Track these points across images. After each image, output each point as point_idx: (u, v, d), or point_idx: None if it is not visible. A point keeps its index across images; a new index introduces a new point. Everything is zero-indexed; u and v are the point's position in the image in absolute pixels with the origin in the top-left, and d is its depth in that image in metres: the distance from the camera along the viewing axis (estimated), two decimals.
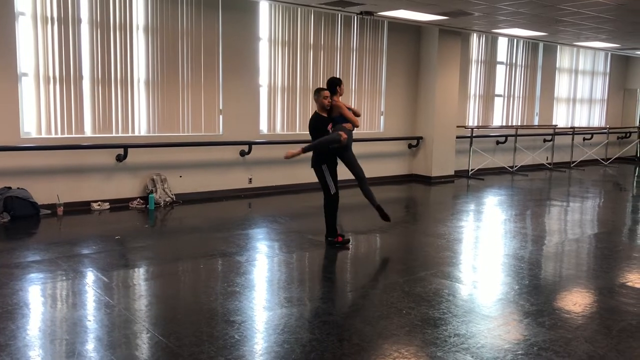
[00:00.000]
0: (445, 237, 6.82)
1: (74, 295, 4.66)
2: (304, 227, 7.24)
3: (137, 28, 8.16)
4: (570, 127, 14.79)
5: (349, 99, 10.64)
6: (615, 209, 9.47)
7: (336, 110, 6.20)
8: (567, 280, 5.34)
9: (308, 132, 6.23)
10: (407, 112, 11.58)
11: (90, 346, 3.67)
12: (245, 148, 9.30)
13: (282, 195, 9.43)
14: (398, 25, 10.90)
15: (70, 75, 7.68)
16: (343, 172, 6.35)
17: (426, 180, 11.44)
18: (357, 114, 6.47)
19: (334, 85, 6.22)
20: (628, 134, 16.51)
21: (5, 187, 7.26)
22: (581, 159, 14.85)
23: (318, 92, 6.14)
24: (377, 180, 10.92)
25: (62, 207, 7.51)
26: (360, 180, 6.43)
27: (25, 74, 7.42)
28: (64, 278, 4.99)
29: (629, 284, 5.15)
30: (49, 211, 7.49)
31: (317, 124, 6.09)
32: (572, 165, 14.45)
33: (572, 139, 14.59)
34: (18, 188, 7.32)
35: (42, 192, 7.51)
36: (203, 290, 4.82)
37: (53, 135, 7.66)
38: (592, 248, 6.59)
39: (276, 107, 9.73)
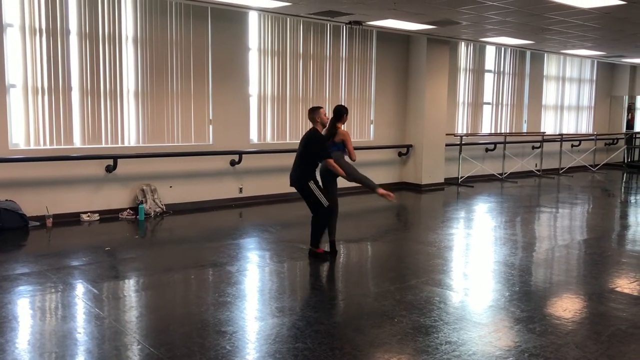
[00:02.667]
0: (436, 244, 6.84)
1: (63, 308, 4.62)
2: (295, 237, 7.23)
3: (127, 39, 8.16)
4: (559, 134, 14.92)
5: None
6: (603, 214, 9.55)
7: (339, 137, 6.19)
8: (557, 286, 5.37)
9: (299, 143, 6.16)
10: (396, 120, 11.63)
11: (81, 359, 3.64)
12: (236, 158, 9.30)
13: (272, 204, 9.42)
14: (387, 35, 10.97)
15: (59, 87, 7.65)
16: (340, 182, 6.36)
17: (416, 188, 11.48)
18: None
19: (341, 113, 6.21)
20: (615, 141, 16.67)
21: None
22: (570, 165, 14.98)
23: (316, 110, 6.00)
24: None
25: (51, 219, 7.46)
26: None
27: (13, 85, 7.39)
28: (54, 290, 4.95)
29: (618, 289, 5.19)
30: (37, 223, 7.44)
31: (317, 141, 5.95)
32: (560, 172, 14.56)
33: (561, 146, 14.71)
34: (6, 200, 7.27)
35: (31, 204, 7.46)
36: (194, 300, 4.80)
37: (42, 147, 7.62)
38: (582, 254, 6.64)
39: (266, 117, 9.75)
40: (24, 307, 4.61)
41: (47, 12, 7.44)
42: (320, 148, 5.95)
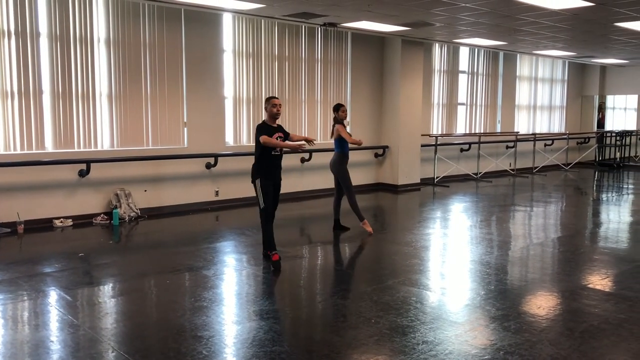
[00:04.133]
0: (413, 244, 6.88)
1: (36, 316, 4.53)
2: None
3: (98, 41, 8.05)
4: (532, 134, 15.15)
5: (316, 109, 10.69)
6: (576, 212, 9.72)
7: (336, 133, 7.17)
8: (531, 284, 5.45)
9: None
10: (372, 121, 11.68)
11: None
12: (212, 160, 9.24)
13: (249, 207, 9.36)
14: (361, 36, 11.02)
15: (30, 90, 7.51)
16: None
17: (393, 189, 11.54)
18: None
19: (334, 110, 7.33)
20: (587, 139, 16.99)
21: None
22: (543, 164, 15.21)
23: (270, 100, 6.03)
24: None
25: (22, 225, 7.32)
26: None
27: None
28: (26, 298, 4.86)
29: (590, 286, 5.29)
30: (8, 229, 7.29)
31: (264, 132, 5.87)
32: (534, 171, 14.78)
33: (534, 145, 14.94)
34: None
35: (2, 210, 7.30)
36: (170, 306, 4.75)
37: (12, 152, 7.47)
38: (556, 252, 6.74)
39: (242, 119, 9.71)
40: None
41: (15, 14, 7.30)
42: (256, 136, 5.89)
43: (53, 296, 4.92)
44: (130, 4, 8.20)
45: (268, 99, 6.10)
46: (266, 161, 5.94)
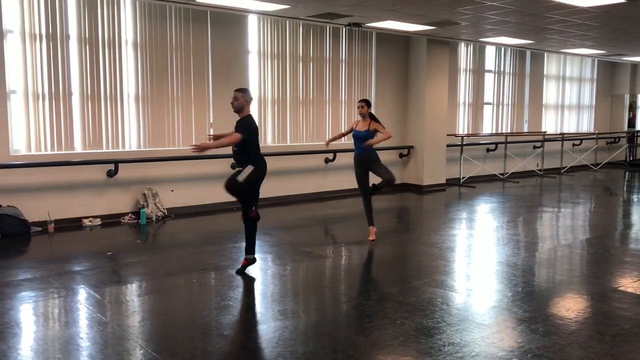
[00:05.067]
0: (438, 245, 6.83)
1: (66, 313, 4.62)
2: (296, 239, 7.24)
3: (126, 43, 8.17)
4: (560, 133, 14.90)
5: (340, 110, 10.69)
6: (606, 213, 9.54)
7: (373, 126, 6.85)
8: (560, 286, 5.36)
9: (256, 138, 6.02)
10: (397, 121, 11.62)
11: None
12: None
13: (273, 207, 9.41)
14: (386, 36, 10.97)
15: (60, 92, 7.66)
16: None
17: (418, 189, 11.47)
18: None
19: (369, 105, 6.94)
20: (617, 139, 16.65)
21: None
22: (571, 164, 14.96)
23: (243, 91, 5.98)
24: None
25: (53, 224, 7.46)
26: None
27: (14, 91, 7.40)
28: (56, 296, 4.95)
29: (621, 288, 5.18)
30: (39, 228, 7.44)
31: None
32: (562, 171, 14.54)
33: (562, 145, 14.70)
34: (8, 206, 7.27)
35: (33, 210, 7.46)
36: (196, 304, 4.80)
37: (43, 152, 7.63)
38: (584, 253, 6.62)
39: (267, 119, 9.75)
40: (27, 313, 4.61)
41: (46, 17, 7.45)
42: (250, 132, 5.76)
43: (82, 294, 5.01)
44: (157, 6, 8.30)
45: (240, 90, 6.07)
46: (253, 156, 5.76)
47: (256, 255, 5.70)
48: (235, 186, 5.59)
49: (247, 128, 5.64)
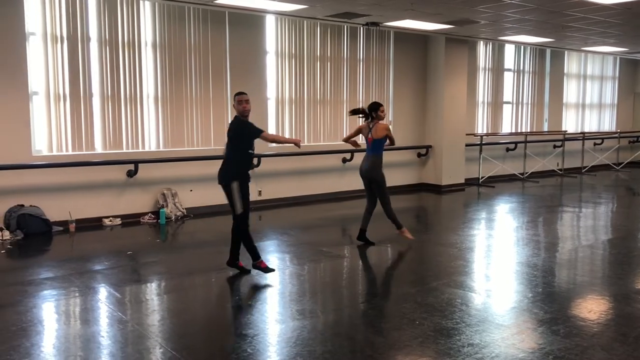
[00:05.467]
0: (457, 246, 6.78)
1: (87, 312, 4.67)
2: (315, 239, 7.24)
3: (145, 45, 8.24)
4: (580, 133, 14.70)
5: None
6: (628, 214, 9.39)
7: (382, 132, 6.58)
8: (581, 287, 5.29)
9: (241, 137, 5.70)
10: (415, 121, 11.57)
11: None
12: (255, 160, 9.31)
13: (291, 207, 9.43)
14: (404, 35, 10.93)
15: (80, 93, 7.76)
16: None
17: (436, 189, 11.40)
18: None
19: (373, 109, 6.65)
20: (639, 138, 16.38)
21: (18, 204, 7.32)
22: (592, 164, 14.75)
23: (238, 95, 5.72)
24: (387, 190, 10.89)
25: (74, 224, 7.56)
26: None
27: (36, 93, 7.51)
28: (77, 294, 5.01)
29: None
30: (61, 228, 7.54)
31: (247, 124, 5.62)
32: (583, 171, 14.35)
33: (583, 144, 14.50)
34: (30, 206, 7.38)
35: (54, 209, 7.56)
36: (215, 304, 4.83)
37: (64, 153, 7.73)
38: (606, 254, 6.52)
39: (284, 119, 9.77)
40: (49, 311, 4.67)
41: (67, 19, 7.55)
42: (241, 136, 5.56)
43: (103, 293, 5.06)
44: (175, 8, 8.37)
45: (239, 94, 5.75)
46: (244, 161, 5.64)
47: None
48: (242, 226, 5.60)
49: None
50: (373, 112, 6.66)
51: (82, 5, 7.63)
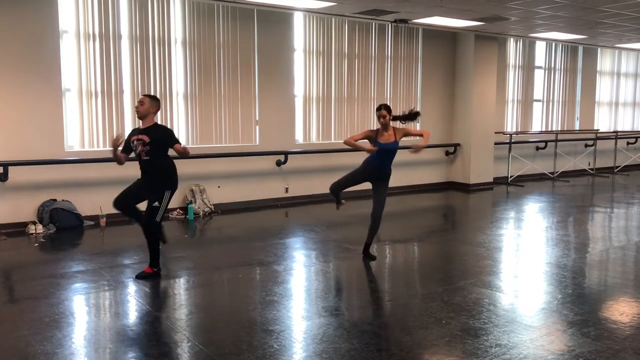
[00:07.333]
0: (485, 245, 6.71)
1: (116, 305, 4.76)
2: (341, 236, 7.24)
3: (175, 42, 8.34)
4: (613, 131, 14.39)
5: None
6: None
7: (403, 133, 6.14)
8: (612, 289, 5.18)
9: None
10: (443, 118, 11.47)
11: (134, 355, 3.74)
12: (282, 158, 9.37)
13: (318, 204, 9.44)
14: (433, 32, 10.84)
15: (112, 90, 7.89)
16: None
17: (464, 188, 11.29)
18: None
19: (389, 111, 6.12)
20: None
21: (51, 199, 7.49)
22: (625, 163, 14.42)
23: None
24: (414, 189, 10.84)
25: (104, 219, 7.70)
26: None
27: (68, 89, 7.66)
28: (107, 288, 5.11)
29: None
30: (92, 222, 7.69)
31: (167, 130, 5.64)
32: (615, 171, 14.05)
33: (615, 143, 14.18)
34: (63, 200, 7.54)
35: (86, 204, 7.71)
36: (242, 299, 4.86)
37: (95, 148, 7.87)
38: (639, 256, 6.38)
39: (311, 117, 9.78)
40: (80, 303, 4.77)
41: (100, 17, 7.68)
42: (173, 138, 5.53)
43: (132, 286, 5.15)
44: (205, 5, 8.44)
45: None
46: (175, 169, 5.59)
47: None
48: (153, 230, 5.38)
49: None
50: (389, 114, 6.19)
51: (114, 3, 7.75)
